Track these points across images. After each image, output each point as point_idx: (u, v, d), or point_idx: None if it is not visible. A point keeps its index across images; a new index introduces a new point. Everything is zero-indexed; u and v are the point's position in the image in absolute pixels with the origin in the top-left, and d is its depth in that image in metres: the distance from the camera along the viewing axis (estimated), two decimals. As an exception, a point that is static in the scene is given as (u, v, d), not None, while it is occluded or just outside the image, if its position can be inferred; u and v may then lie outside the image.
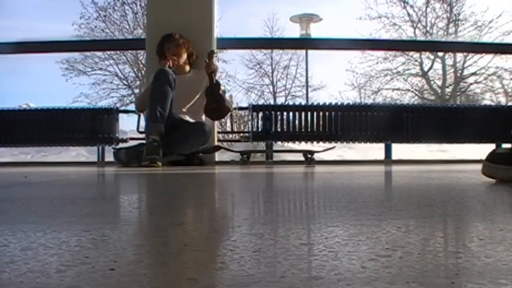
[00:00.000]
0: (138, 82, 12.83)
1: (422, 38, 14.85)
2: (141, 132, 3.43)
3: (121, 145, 3.45)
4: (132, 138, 3.73)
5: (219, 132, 3.76)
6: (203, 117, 3.11)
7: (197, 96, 3.12)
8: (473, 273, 0.42)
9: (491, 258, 0.48)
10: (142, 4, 12.75)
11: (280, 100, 12.88)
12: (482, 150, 4.05)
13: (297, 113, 3.65)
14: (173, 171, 2.41)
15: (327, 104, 3.70)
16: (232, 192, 1.41)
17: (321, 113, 3.63)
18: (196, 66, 3.24)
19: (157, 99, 2.81)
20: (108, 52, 13.01)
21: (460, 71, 15.07)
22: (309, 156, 3.31)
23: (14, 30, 14.50)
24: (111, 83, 13.97)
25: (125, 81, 14.02)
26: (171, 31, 3.17)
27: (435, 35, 14.79)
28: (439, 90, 15.09)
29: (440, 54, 14.43)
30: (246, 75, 14.09)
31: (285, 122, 3.64)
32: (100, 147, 3.73)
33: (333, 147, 3.48)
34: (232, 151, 3.68)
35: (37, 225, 0.71)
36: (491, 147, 3.97)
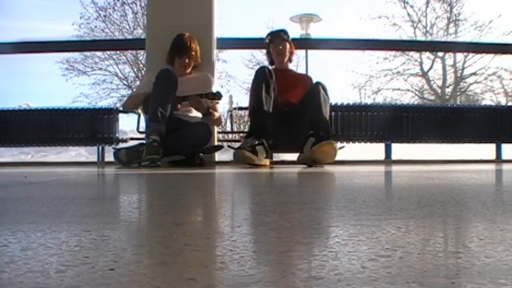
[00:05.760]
0: (138, 82, 12.84)
1: (422, 38, 14.85)
2: (141, 132, 3.43)
3: (121, 145, 3.44)
4: (132, 138, 3.73)
5: (219, 132, 3.76)
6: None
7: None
8: (473, 273, 0.42)
9: (491, 258, 0.48)
10: (143, 4, 12.77)
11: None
12: (482, 150, 4.08)
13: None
14: (173, 172, 2.41)
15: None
16: (232, 192, 1.41)
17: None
18: (197, 67, 3.24)
19: (159, 100, 2.81)
20: (108, 52, 13.04)
21: (460, 71, 15.08)
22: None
23: (14, 30, 14.54)
24: (111, 83, 14.01)
25: (124, 81, 14.04)
26: (171, 31, 3.17)
27: (435, 35, 14.79)
28: (439, 90, 15.10)
29: (440, 54, 14.44)
30: (246, 75, 14.12)
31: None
32: (100, 147, 3.73)
33: (343, 147, 3.28)
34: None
35: (37, 225, 0.71)
36: (491, 147, 3.98)
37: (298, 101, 3.00)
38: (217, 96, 3.04)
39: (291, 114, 2.98)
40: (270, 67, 3.18)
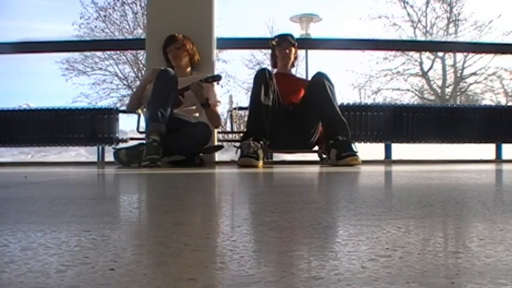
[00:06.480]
0: (138, 82, 12.84)
1: (422, 38, 14.85)
2: (141, 132, 3.43)
3: (121, 145, 3.44)
4: (132, 138, 3.73)
5: (219, 132, 3.76)
6: (204, 117, 3.11)
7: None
8: (473, 273, 0.42)
9: (491, 258, 0.48)
10: (143, 4, 12.77)
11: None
12: (482, 150, 4.07)
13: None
14: (173, 172, 2.41)
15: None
16: (232, 192, 1.41)
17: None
18: (198, 68, 3.23)
19: (159, 99, 2.81)
20: (108, 52, 13.04)
21: (460, 71, 15.08)
22: (324, 156, 3.30)
23: (14, 30, 14.55)
24: (111, 83, 14.00)
25: (124, 81, 14.04)
26: (171, 31, 3.17)
27: (435, 35, 14.79)
28: (439, 90, 15.10)
29: (440, 54, 14.44)
30: (246, 75, 14.13)
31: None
32: (100, 147, 3.73)
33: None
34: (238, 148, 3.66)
35: (37, 225, 0.71)
36: (491, 147, 3.98)
37: (302, 98, 3.02)
38: (217, 78, 3.03)
39: (295, 112, 2.99)
40: (272, 69, 3.18)
